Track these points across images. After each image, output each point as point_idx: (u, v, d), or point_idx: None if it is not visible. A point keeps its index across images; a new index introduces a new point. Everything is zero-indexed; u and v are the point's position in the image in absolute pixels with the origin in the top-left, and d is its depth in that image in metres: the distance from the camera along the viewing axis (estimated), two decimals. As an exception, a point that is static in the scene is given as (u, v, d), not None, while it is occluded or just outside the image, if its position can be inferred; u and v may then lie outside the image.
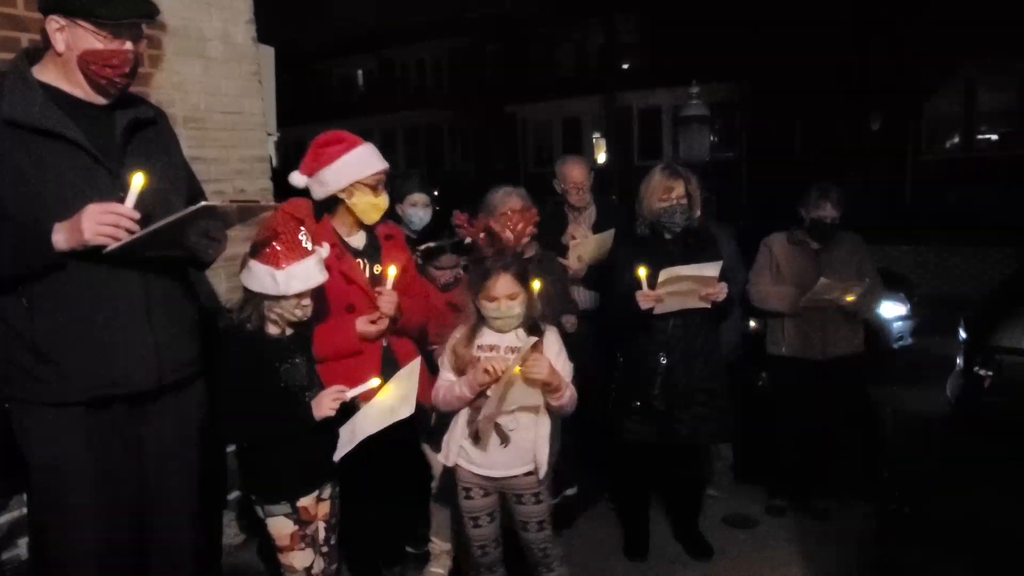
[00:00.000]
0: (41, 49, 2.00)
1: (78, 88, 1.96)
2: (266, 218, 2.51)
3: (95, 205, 1.84)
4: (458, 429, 2.50)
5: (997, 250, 9.99)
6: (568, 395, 2.44)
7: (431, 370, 2.74)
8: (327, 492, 2.50)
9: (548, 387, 2.37)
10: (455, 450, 2.51)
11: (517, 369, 2.30)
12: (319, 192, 2.62)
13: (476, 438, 2.45)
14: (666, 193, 3.12)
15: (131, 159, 2.01)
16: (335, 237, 2.65)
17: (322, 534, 2.49)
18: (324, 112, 26.62)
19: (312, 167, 2.60)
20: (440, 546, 3.14)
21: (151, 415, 2.13)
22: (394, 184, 3.16)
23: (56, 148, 1.90)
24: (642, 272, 2.99)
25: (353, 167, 2.60)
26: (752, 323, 3.94)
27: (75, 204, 1.85)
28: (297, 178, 2.63)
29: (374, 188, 2.63)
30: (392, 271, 2.60)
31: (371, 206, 2.65)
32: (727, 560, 3.33)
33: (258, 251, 2.24)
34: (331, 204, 2.65)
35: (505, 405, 2.36)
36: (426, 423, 2.87)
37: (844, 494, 3.75)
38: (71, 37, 1.90)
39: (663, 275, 2.93)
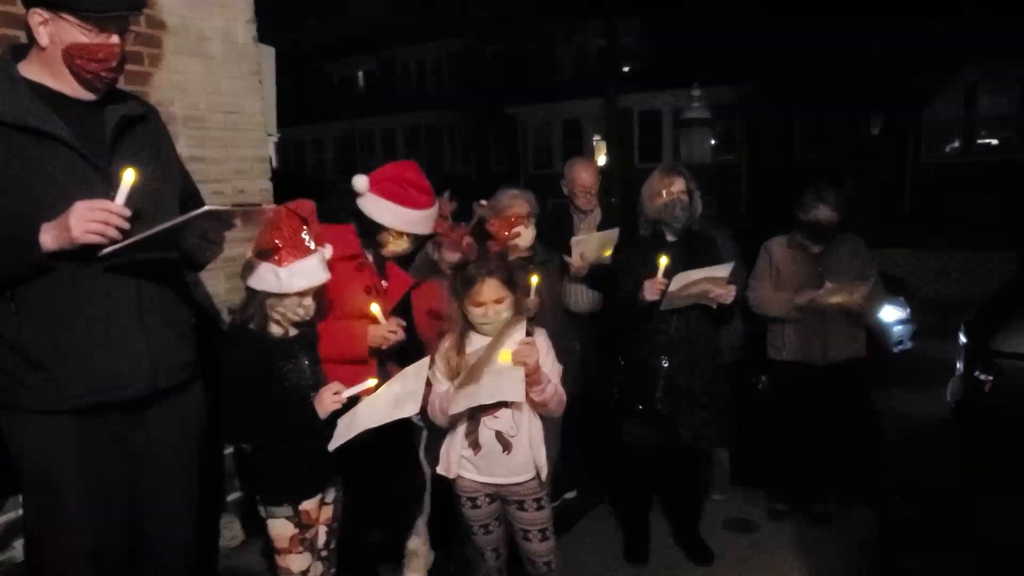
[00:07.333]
0: (26, 45, 1.94)
1: (64, 84, 1.90)
2: (269, 217, 2.50)
3: (83, 202, 1.77)
4: (457, 440, 2.46)
5: (997, 254, 9.99)
6: (551, 391, 2.38)
7: None
8: (331, 496, 2.49)
9: (529, 378, 2.30)
10: (456, 461, 2.46)
11: (507, 355, 2.25)
12: (367, 207, 2.62)
13: (476, 447, 2.42)
14: (666, 188, 3.12)
15: (121, 156, 1.95)
16: (358, 248, 2.64)
17: (322, 538, 2.47)
18: (324, 113, 26.67)
19: (382, 188, 2.60)
20: (411, 545, 3.14)
21: (146, 421, 2.09)
22: None
23: (44, 146, 1.84)
24: (664, 260, 2.97)
25: (397, 216, 2.60)
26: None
27: (64, 203, 1.79)
28: (361, 182, 2.61)
29: (401, 234, 2.64)
30: (375, 309, 2.55)
31: (390, 243, 2.66)
32: (728, 565, 3.31)
33: (261, 248, 2.22)
34: (366, 221, 2.64)
35: (486, 397, 2.28)
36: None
37: (845, 498, 3.74)
38: (55, 31, 1.83)
39: (675, 281, 2.93)
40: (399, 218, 2.60)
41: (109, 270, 1.90)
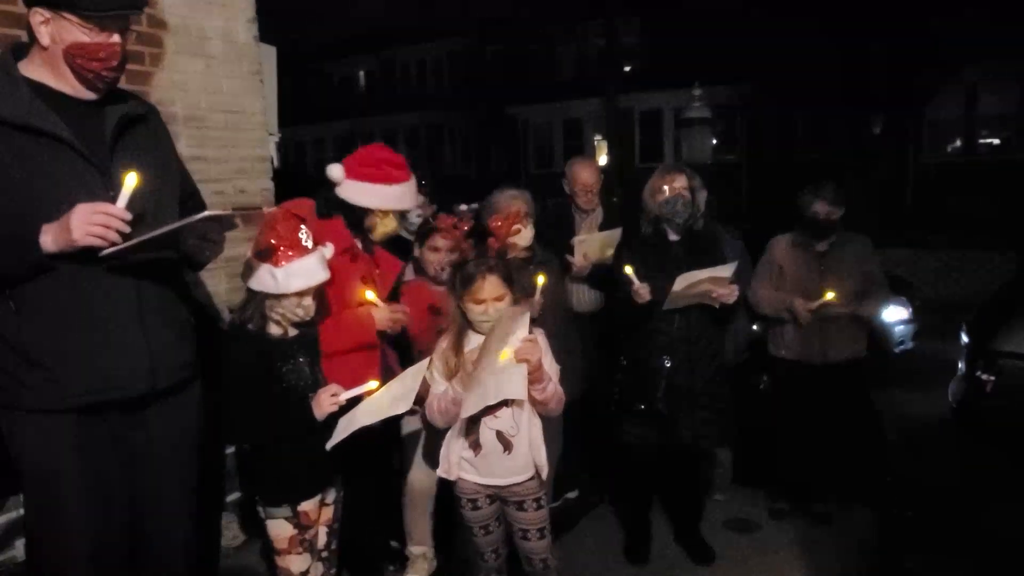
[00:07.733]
0: (27, 44, 1.94)
1: (65, 83, 1.90)
2: (268, 217, 2.50)
3: (85, 205, 1.77)
4: (458, 442, 2.45)
5: (998, 254, 9.97)
6: (552, 389, 2.38)
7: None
8: (331, 497, 2.48)
9: (531, 376, 2.29)
10: (456, 462, 2.45)
11: (505, 354, 2.23)
12: (347, 194, 2.62)
13: (477, 447, 2.41)
14: (668, 184, 3.13)
15: (121, 156, 1.95)
16: (351, 240, 2.65)
17: (323, 539, 2.47)
18: (325, 113, 26.66)
19: (359, 173, 2.60)
20: (416, 550, 3.15)
21: (145, 420, 2.09)
22: None
23: (44, 146, 1.84)
24: (628, 270, 3.00)
25: (379, 196, 2.61)
26: (755, 327, 3.93)
27: (64, 203, 1.79)
28: (336, 171, 2.60)
29: (387, 213, 2.66)
30: (370, 295, 2.59)
31: (378, 225, 2.67)
32: (728, 564, 3.31)
33: (259, 249, 2.22)
34: (350, 209, 2.64)
35: (492, 396, 2.26)
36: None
37: (845, 498, 3.73)
38: (56, 30, 1.83)
39: (679, 282, 2.93)
40: (382, 198, 2.61)
41: (109, 270, 1.90)
